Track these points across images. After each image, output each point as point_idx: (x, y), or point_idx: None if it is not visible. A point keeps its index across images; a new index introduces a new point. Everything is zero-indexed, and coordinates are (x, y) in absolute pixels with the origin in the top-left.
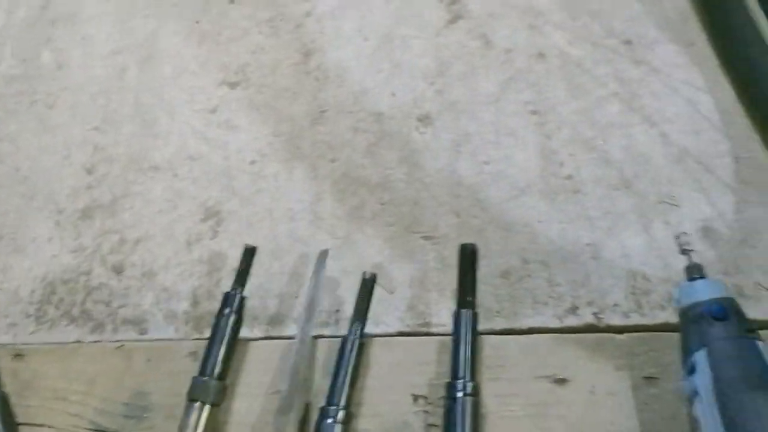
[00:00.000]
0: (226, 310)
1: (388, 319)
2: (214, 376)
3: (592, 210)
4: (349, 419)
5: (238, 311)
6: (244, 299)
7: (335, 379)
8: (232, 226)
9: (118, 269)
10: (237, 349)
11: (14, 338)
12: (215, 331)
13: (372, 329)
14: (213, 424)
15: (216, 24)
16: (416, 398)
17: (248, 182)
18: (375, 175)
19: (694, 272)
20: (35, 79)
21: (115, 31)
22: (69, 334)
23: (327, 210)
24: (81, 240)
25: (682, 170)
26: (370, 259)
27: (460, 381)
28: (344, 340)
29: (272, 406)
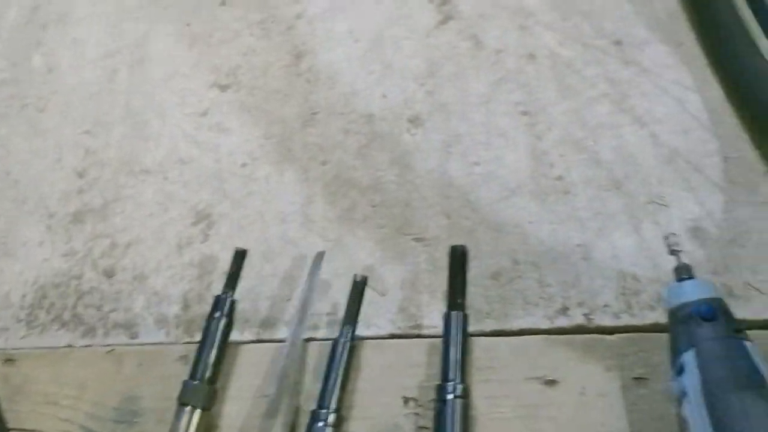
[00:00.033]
0: (217, 314)
1: (379, 322)
2: (205, 380)
3: (583, 211)
4: (340, 422)
5: (228, 315)
6: (234, 303)
7: (326, 382)
8: (223, 229)
9: (109, 273)
10: (228, 353)
11: (5, 343)
12: (206, 335)
13: (363, 331)
14: (204, 428)
15: (207, 26)
16: (407, 401)
17: (239, 185)
18: (366, 176)
19: (683, 273)
20: (26, 82)
21: (105, 34)
22: (60, 339)
23: (318, 212)
24: (72, 244)
25: (672, 170)
26: (362, 262)
27: (450, 383)
28: (335, 343)
29: (262, 410)
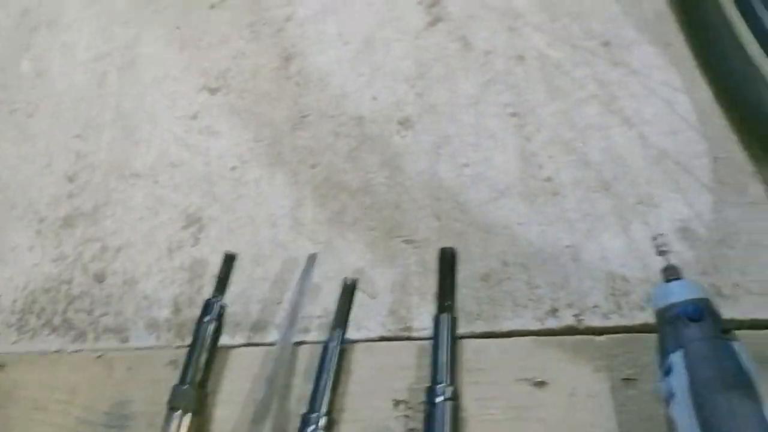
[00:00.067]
0: (206, 318)
1: (369, 324)
2: (195, 384)
3: (572, 212)
4: (331, 425)
5: (218, 319)
6: (224, 307)
7: (317, 385)
8: (213, 233)
9: (100, 277)
10: (218, 356)
11: None
12: (195, 339)
13: (354, 334)
14: None
15: (197, 29)
16: (397, 403)
17: (229, 188)
18: (356, 179)
19: (671, 273)
20: (14, 87)
21: (95, 38)
22: (51, 344)
23: (308, 215)
24: (62, 248)
25: (661, 171)
26: (352, 264)
27: (440, 386)
28: (326, 346)
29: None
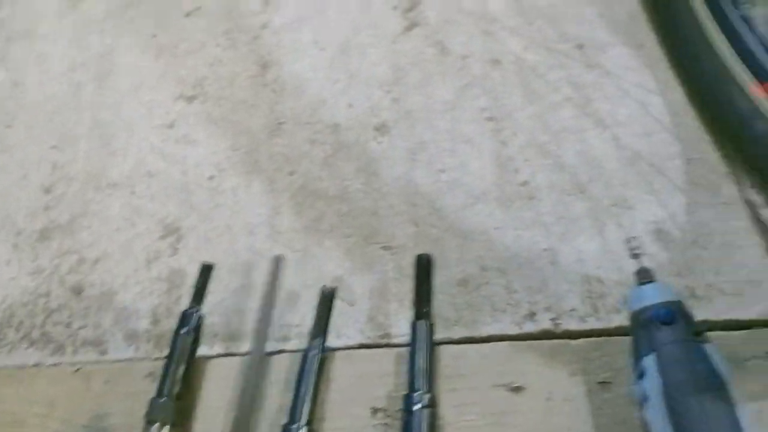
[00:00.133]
0: (183, 330)
1: (348, 332)
2: (172, 397)
3: (547, 216)
4: None
5: (195, 330)
6: (201, 317)
7: (297, 395)
8: (191, 243)
9: (77, 290)
10: (196, 367)
11: None
12: (172, 351)
13: (333, 342)
14: None
15: (173, 37)
16: (376, 411)
17: (206, 197)
18: (333, 186)
19: (644, 276)
20: None
21: (71, 48)
22: (29, 357)
23: (285, 223)
24: (39, 261)
25: (635, 173)
26: (330, 272)
27: (417, 393)
28: (305, 355)
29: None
